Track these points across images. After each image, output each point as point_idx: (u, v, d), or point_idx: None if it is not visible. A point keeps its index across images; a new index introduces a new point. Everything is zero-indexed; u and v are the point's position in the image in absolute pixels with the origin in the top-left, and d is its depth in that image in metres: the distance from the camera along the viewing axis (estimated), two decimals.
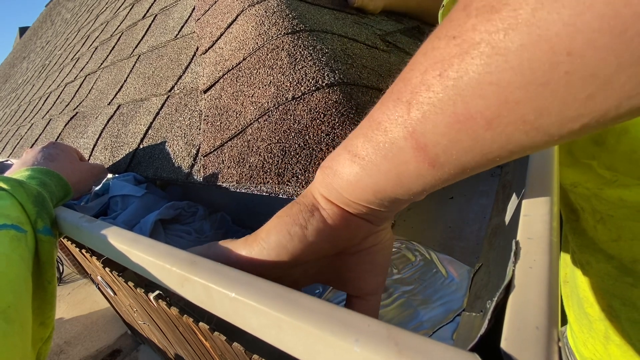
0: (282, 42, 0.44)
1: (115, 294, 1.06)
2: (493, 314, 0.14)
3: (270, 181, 0.34)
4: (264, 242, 0.22)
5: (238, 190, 0.38)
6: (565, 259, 0.43)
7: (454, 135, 0.15)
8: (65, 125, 0.94)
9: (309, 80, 0.38)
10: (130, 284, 0.61)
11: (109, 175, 0.56)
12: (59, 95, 1.24)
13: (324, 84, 0.37)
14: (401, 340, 0.13)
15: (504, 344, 0.12)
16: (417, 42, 0.62)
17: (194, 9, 0.75)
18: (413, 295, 0.33)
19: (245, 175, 0.37)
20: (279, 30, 0.46)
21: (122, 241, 0.26)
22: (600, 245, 0.33)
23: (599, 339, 0.37)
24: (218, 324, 0.43)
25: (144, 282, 0.87)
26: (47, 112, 1.23)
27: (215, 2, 0.65)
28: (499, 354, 0.12)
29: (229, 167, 0.40)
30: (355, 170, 0.19)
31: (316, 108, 0.36)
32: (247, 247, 0.22)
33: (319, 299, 0.15)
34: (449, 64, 0.14)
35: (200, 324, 0.43)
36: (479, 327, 0.14)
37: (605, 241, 0.32)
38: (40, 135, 1.10)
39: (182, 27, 0.74)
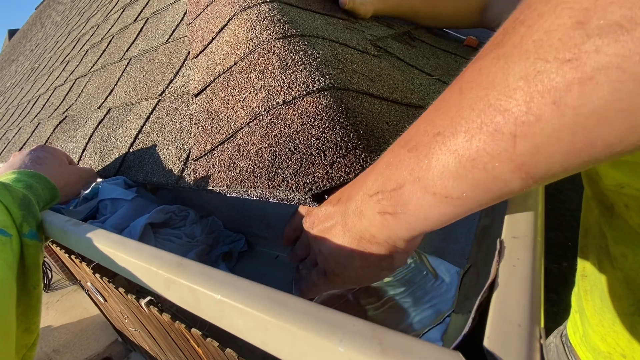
0: (274, 46, 0.44)
1: (105, 300, 1.04)
2: (477, 313, 0.14)
3: (261, 185, 0.34)
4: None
5: (229, 195, 0.37)
6: (584, 253, 0.43)
7: (568, 161, 0.14)
8: (54, 129, 0.93)
9: (299, 85, 0.38)
10: (121, 290, 0.60)
11: (99, 180, 0.55)
12: (48, 99, 1.23)
13: (314, 89, 0.37)
14: (385, 340, 0.13)
15: (486, 342, 0.12)
16: (408, 47, 0.63)
17: (185, 12, 0.75)
18: (404, 298, 0.33)
19: (236, 179, 0.37)
20: (270, 35, 0.46)
21: (109, 244, 0.26)
22: None
23: (623, 333, 0.37)
24: (211, 330, 0.43)
25: (135, 288, 0.85)
26: (36, 115, 1.21)
27: (207, 6, 0.65)
28: (482, 352, 0.13)
29: (219, 172, 0.40)
30: (448, 210, 0.18)
31: (307, 112, 0.36)
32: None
33: (305, 300, 0.15)
34: (566, 91, 0.12)
35: (193, 330, 0.42)
36: (464, 326, 0.14)
37: None
38: (28, 139, 1.08)
39: (174, 31, 0.74)
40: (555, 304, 1.56)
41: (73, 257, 0.82)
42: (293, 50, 0.43)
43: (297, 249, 0.32)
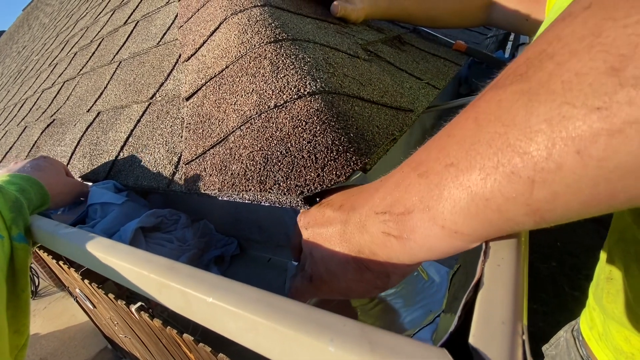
0: (265, 50, 0.44)
1: (94, 307, 1.02)
2: (463, 311, 0.14)
3: (253, 188, 0.34)
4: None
5: (220, 198, 0.37)
6: (611, 257, 0.43)
7: (585, 210, 0.13)
8: (42, 132, 0.91)
9: (291, 89, 0.39)
10: (111, 296, 0.59)
11: (89, 184, 0.55)
12: (36, 102, 1.21)
13: (305, 93, 0.38)
14: (375, 339, 0.13)
15: (472, 339, 0.13)
16: (398, 51, 0.64)
17: (176, 16, 0.75)
18: (395, 299, 0.33)
19: (228, 182, 0.37)
20: (261, 38, 0.46)
21: (99, 248, 0.26)
22: None
23: None
24: (203, 336, 0.42)
25: (125, 294, 0.84)
26: (23, 119, 1.19)
27: (198, 10, 0.65)
28: (468, 349, 0.13)
29: (211, 175, 0.40)
30: (455, 244, 0.17)
31: (298, 116, 0.36)
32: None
33: (295, 301, 0.16)
34: (592, 142, 0.12)
35: (185, 335, 0.42)
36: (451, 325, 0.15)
37: None
38: (15, 142, 1.06)
39: (165, 34, 0.74)
40: (544, 304, 1.59)
41: (61, 263, 0.81)
42: (284, 54, 0.43)
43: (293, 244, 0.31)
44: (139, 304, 0.51)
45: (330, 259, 0.24)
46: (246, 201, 0.35)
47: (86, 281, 0.64)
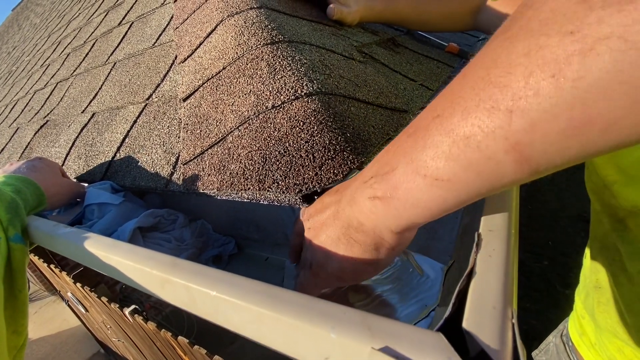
0: (262, 52, 0.45)
1: (87, 310, 1.01)
2: (457, 299, 0.15)
3: (251, 187, 0.35)
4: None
5: (219, 197, 0.38)
6: (596, 264, 0.42)
7: (564, 143, 0.13)
8: (35, 133, 0.90)
9: (288, 90, 0.39)
10: (104, 299, 0.59)
11: (85, 185, 0.55)
12: (28, 103, 1.20)
13: (302, 93, 0.38)
14: (374, 325, 0.14)
15: (465, 324, 0.14)
16: (392, 53, 0.65)
17: (172, 17, 0.75)
18: (391, 294, 0.34)
19: (226, 182, 0.38)
20: (258, 40, 0.47)
21: (100, 247, 0.26)
22: None
23: None
24: (198, 338, 0.43)
25: (118, 297, 0.84)
26: (15, 120, 1.18)
27: (194, 11, 0.65)
28: (462, 332, 0.14)
29: (209, 175, 0.40)
30: (437, 194, 0.17)
31: (295, 116, 0.37)
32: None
33: (296, 292, 0.16)
34: (567, 63, 0.12)
35: (180, 338, 0.42)
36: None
37: None
38: (7, 144, 1.05)
39: (160, 35, 0.74)
40: (537, 302, 1.61)
41: (52, 266, 0.80)
42: (281, 56, 0.44)
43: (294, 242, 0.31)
44: (132, 307, 0.51)
45: (325, 241, 0.24)
46: (245, 200, 0.35)
47: (78, 284, 0.64)
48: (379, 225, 0.20)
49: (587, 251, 0.45)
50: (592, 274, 0.44)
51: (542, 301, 1.60)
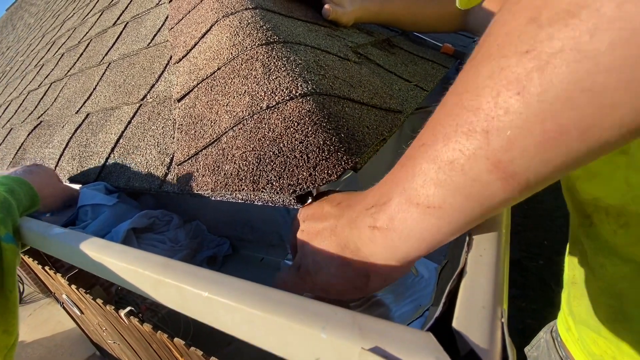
0: (257, 52, 0.45)
1: (82, 313, 1.01)
2: (447, 298, 0.15)
3: (246, 188, 0.35)
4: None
5: (213, 198, 0.38)
6: (573, 261, 0.44)
7: (546, 155, 0.13)
8: (29, 134, 0.90)
9: (282, 90, 0.39)
10: (99, 301, 0.58)
11: (79, 186, 0.54)
12: (21, 103, 1.18)
13: (297, 94, 0.38)
14: (365, 325, 0.14)
15: (455, 323, 0.14)
16: (387, 54, 0.66)
17: (167, 17, 0.75)
18: (386, 294, 0.34)
19: (221, 183, 0.38)
20: (253, 41, 0.47)
21: (93, 248, 0.26)
22: (618, 249, 0.33)
23: (610, 338, 0.38)
24: (194, 339, 0.43)
25: (114, 299, 0.83)
26: (8, 120, 1.17)
27: (189, 11, 0.65)
28: (452, 332, 0.14)
29: (203, 175, 0.40)
30: (431, 223, 0.17)
31: (290, 117, 0.37)
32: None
33: (287, 292, 0.16)
34: (528, 80, 0.13)
35: (176, 339, 0.42)
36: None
37: (623, 245, 0.32)
38: (0, 144, 1.04)
39: (155, 35, 0.74)
40: (532, 301, 1.62)
41: (47, 268, 0.80)
42: (276, 57, 0.44)
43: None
44: (128, 308, 0.51)
45: (319, 251, 0.24)
46: (239, 201, 0.35)
47: (73, 286, 0.63)
48: (375, 255, 0.21)
49: (567, 248, 0.47)
50: (570, 270, 0.45)
51: (537, 300, 1.61)
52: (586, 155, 0.13)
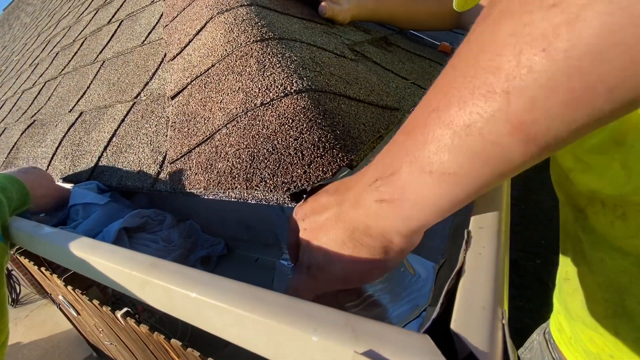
0: (251, 49, 0.44)
1: (78, 313, 1.00)
2: (445, 298, 0.14)
3: (239, 186, 0.34)
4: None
5: (206, 197, 0.37)
6: (565, 257, 0.43)
7: (569, 115, 0.13)
8: (22, 133, 0.89)
9: (277, 87, 0.39)
10: (96, 302, 0.57)
11: (69, 186, 0.53)
12: (16, 103, 1.17)
13: (292, 91, 0.38)
14: (358, 327, 0.13)
15: (453, 325, 0.13)
16: (384, 52, 0.65)
17: (162, 15, 0.74)
18: (382, 294, 0.33)
19: (213, 181, 0.37)
20: (248, 37, 0.46)
21: (80, 248, 0.25)
22: (616, 242, 0.32)
23: (607, 335, 0.37)
24: (191, 341, 0.42)
25: (110, 300, 0.82)
26: (2, 120, 1.15)
27: (184, 9, 0.64)
28: (450, 334, 0.13)
29: (196, 174, 0.39)
30: (447, 190, 0.16)
31: (285, 114, 0.36)
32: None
33: (279, 293, 0.16)
34: (555, 35, 0.12)
35: (173, 340, 0.41)
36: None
37: (621, 237, 0.31)
38: None
39: (150, 33, 0.73)
40: (530, 301, 1.62)
41: (43, 269, 0.78)
42: (271, 53, 0.43)
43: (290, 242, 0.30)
44: (124, 309, 0.50)
45: (327, 243, 0.23)
46: (232, 199, 0.34)
47: (69, 287, 0.62)
48: (387, 229, 0.20)
49: (560, 245, 0.46)
50: (563, 267, 0.44)
51: (535, 300, 1.61)
52: (609, 115, 0.13)
